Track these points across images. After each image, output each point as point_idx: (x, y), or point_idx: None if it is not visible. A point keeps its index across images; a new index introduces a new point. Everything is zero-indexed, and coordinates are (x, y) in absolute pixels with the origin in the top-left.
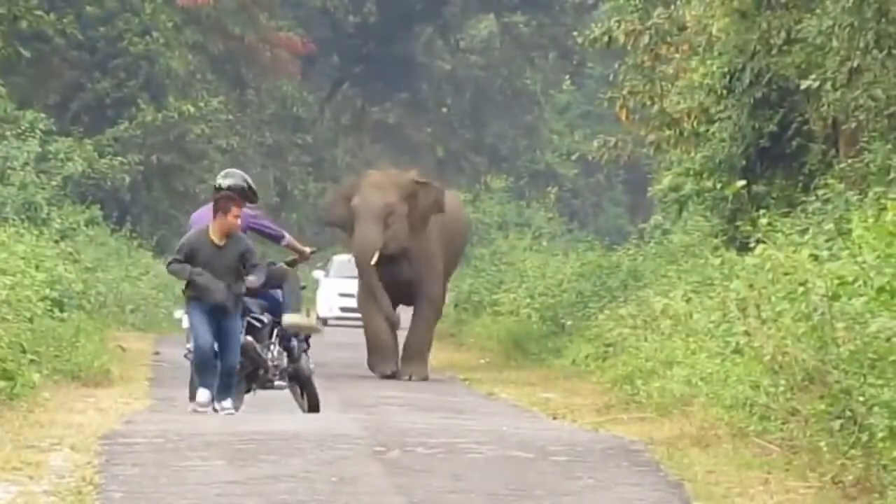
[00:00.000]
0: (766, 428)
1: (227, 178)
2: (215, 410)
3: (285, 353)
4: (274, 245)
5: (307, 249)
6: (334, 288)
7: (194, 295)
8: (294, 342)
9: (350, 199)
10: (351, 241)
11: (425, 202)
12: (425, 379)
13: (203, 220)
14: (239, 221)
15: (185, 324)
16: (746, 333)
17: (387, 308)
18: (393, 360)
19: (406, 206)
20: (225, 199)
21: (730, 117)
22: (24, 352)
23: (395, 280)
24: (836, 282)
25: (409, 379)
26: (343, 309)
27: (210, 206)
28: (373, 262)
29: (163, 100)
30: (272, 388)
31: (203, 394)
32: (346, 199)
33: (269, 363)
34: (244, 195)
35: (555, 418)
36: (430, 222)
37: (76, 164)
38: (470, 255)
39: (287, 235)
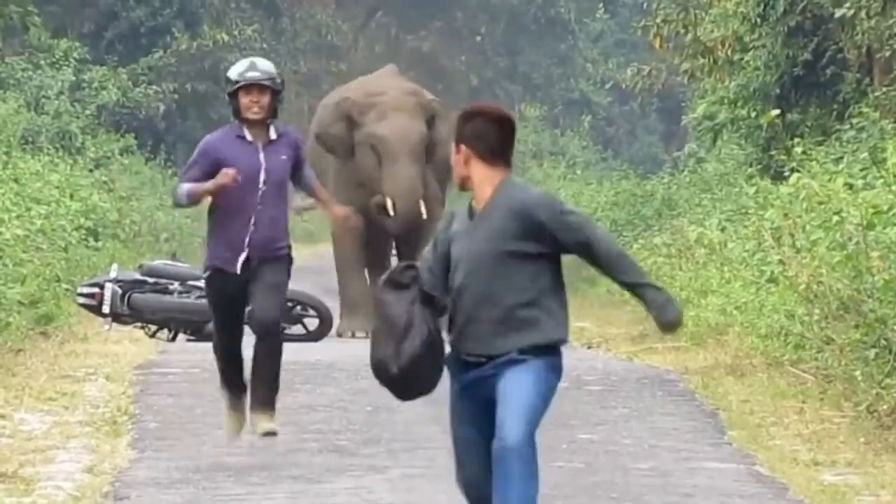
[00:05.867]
0: (801, 357)
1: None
2: None
3: None
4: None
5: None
6: None
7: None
8: None
9: (351, 119)
10: (374, 181)
11: (445, 132)
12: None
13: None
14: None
15: None
16: (781, 262)
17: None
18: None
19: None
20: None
21: (764, 45)
22: (58, 281)
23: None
24: (870, 211)
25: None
26: None
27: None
28: (424, 216)
29: (197, 28)
30: None
31: None
32: (347, 119)
33: None
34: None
35: (589, 347)
36: None
37: (110, 93)
38: None
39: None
